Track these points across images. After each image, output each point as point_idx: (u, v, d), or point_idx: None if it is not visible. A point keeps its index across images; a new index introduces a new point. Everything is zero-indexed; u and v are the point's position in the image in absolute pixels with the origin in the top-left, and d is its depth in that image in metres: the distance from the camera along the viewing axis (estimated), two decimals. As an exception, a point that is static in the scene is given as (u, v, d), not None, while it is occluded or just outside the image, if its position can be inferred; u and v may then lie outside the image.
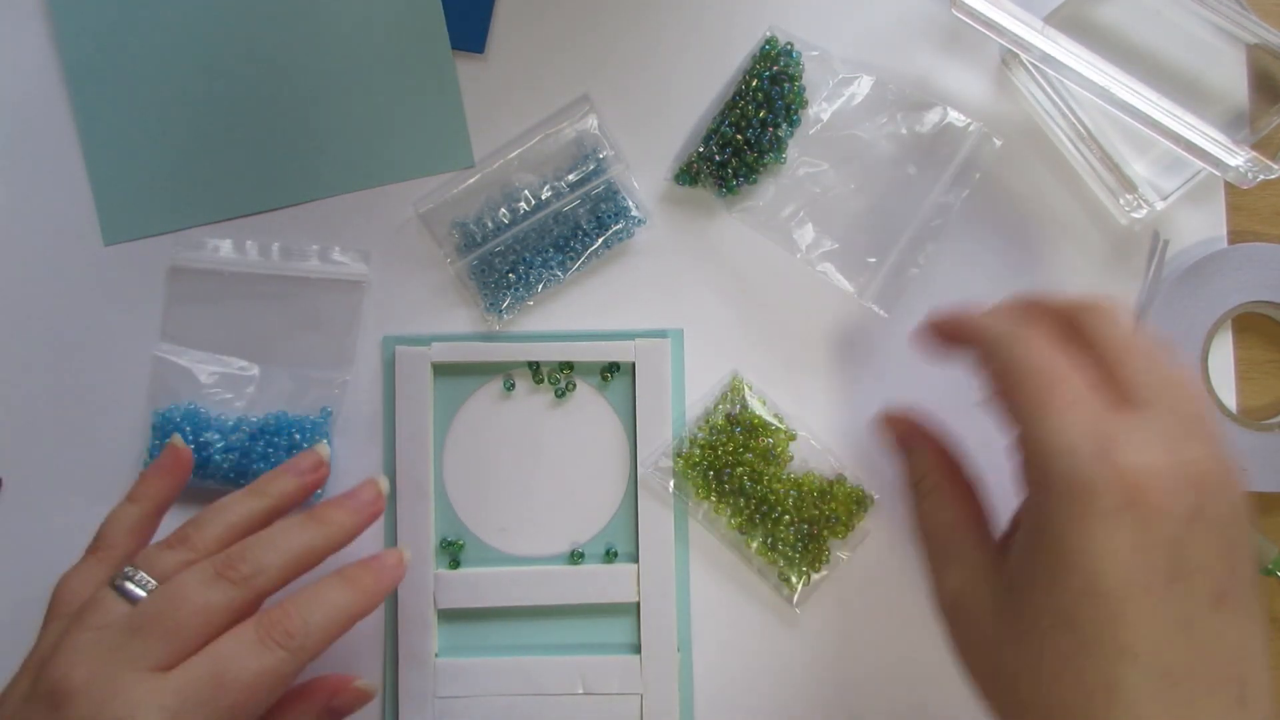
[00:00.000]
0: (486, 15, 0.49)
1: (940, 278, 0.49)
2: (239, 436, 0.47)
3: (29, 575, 0.47)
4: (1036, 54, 0.46)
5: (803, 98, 0.47)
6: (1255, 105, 0.48)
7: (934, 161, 0.48)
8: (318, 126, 0.49)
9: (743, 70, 0.48)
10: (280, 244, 0.48)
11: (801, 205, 0.48)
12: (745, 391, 0.48)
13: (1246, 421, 0.48)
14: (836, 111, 0.48)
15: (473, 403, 0.48)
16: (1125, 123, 0.47)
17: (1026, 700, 0.32)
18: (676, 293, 0.49)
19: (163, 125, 0.49)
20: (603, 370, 0.48)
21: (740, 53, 0.49)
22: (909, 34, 0.50)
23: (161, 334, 0.48)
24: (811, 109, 0.48)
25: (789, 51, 0.47)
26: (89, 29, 0.49)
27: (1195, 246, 0.49)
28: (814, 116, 0.48)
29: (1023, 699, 0.32)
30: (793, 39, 0.48)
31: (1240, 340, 0.49)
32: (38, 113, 0.49)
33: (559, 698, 0.46)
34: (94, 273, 0.48)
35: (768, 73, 0.47)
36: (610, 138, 0.49)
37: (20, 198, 0.49)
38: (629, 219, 0.48)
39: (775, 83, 0.47)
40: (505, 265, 0.48)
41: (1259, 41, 0.48)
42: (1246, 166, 0.45)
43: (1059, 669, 0.31)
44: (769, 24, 0.49)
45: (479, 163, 0.49)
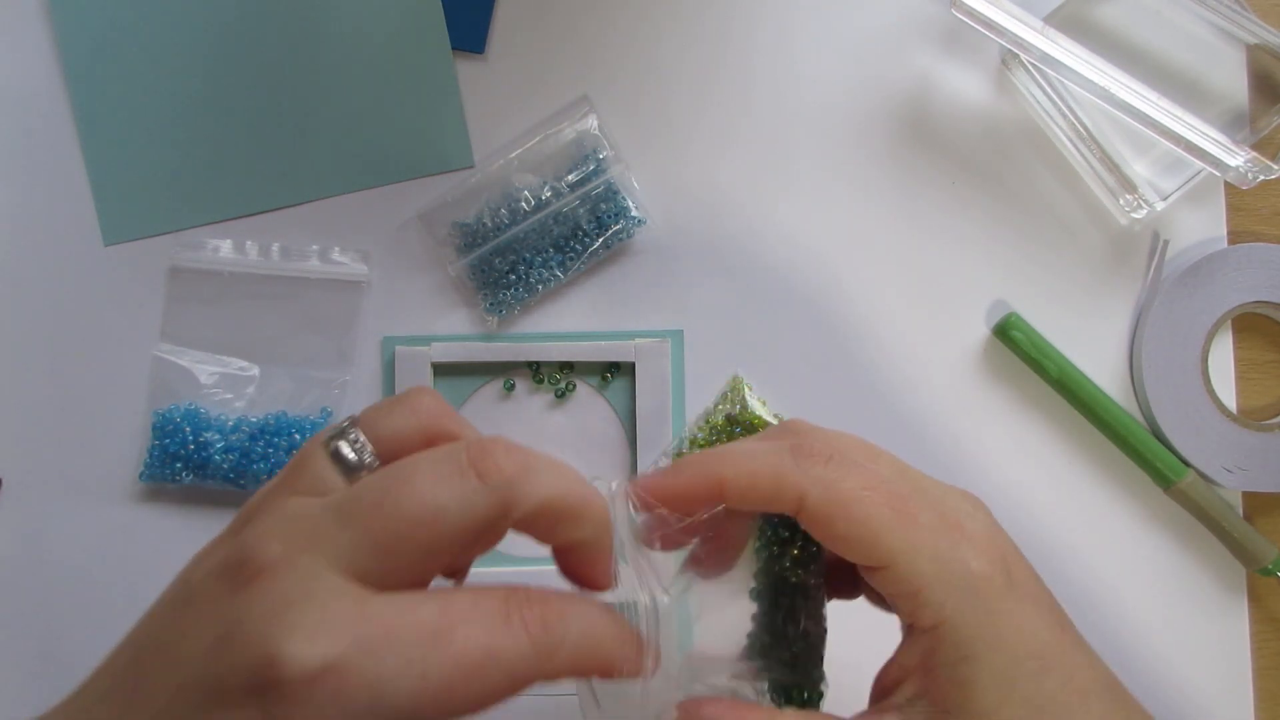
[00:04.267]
0: (486, 15, 0.49)
1: (940, 277, 0.49)
2: (239, 436, 0.47)
3: (29, 575, 0.47)
4: (1036, 54, 0.46)
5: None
6: (1255, 105, 0.48)
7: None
8: (318, 126, 0.49)
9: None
10: (280, 244, 0.48)
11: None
12: (745, 392, 0.48)
13: (1246, 421, 0.48)
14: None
15: (473, 403, 0.48)
16: (1125, 123, 0.47)
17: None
18: (676, 293, 0.49)
19: (163, 125, 0.49)
20: (603, 371, 0.48)
21: (740, 52, 0.49)
22: (909, 34, 0.50)
23: (161, 334, 0.48)
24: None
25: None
26: (89, 29, 0.49)
27: (1195, 246, 0.49)
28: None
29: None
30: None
31: (1240, 340, 0.49)
32: (38, 113, 0.49)
33: (559, 698, 0.46)
34: (94, 273, 0.48)
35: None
36: (610, 138, 0.49)
37: (20, 198, 0.49)
38: (629, 219, 0.48)
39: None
40: (505, 265, 0.48)
41: (1259, 41, 0.48)
42: (1246, 166, 0.45)
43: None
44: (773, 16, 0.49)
45: (479, 163, 0.49)
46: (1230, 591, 0.48)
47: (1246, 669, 0.47)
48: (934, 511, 0.30)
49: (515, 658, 0.26)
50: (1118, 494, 0.48)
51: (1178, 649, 0.47)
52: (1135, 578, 0.48)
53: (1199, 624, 0.48)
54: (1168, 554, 0.48)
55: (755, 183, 0.49)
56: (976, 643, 0.29)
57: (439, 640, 0.24)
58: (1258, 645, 0.48)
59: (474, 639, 0.25)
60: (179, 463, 0.46)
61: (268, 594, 0.24)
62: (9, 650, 0.47)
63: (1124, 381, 0.49)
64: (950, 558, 0.29)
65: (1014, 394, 0.48)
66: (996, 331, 0.48)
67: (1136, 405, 0.48)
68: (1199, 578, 0.48)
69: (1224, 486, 0.48)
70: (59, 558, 0.47)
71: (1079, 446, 0.48)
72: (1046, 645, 0.30)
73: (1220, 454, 0.47)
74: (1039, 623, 0.30)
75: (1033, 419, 0.48)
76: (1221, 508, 0.47)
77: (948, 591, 0.29)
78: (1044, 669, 0.30)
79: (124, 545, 0.47)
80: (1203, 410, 0.47)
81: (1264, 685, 0.47)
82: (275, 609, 0.24)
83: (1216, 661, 0.47)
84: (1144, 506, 0.48)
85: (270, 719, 0.23)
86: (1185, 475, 0.47)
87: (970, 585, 0.29)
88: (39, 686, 0.47)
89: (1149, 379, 0.47)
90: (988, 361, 0.49)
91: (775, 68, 0.49)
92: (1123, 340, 0.49)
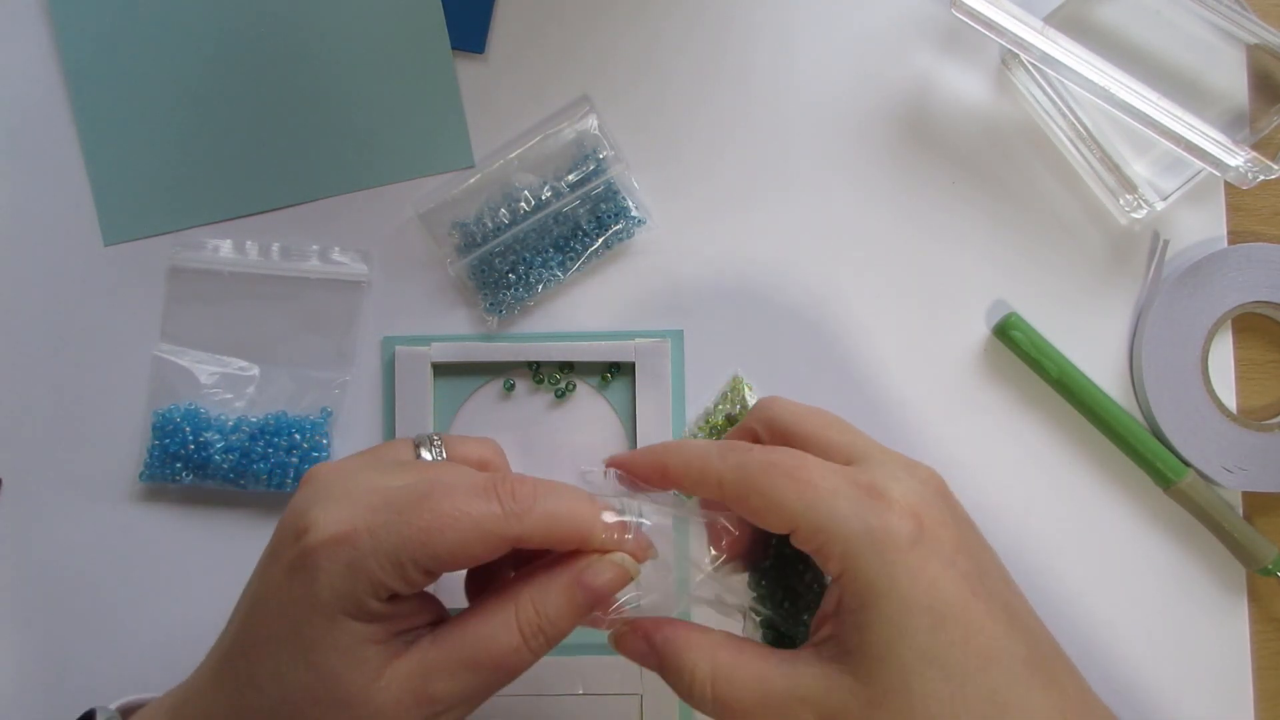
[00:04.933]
0: (486, 15, 0.49)
1: (940, 277, 0.49)
2: (239, 436, 0.47)
3: (29, 575, 0.47)
4: (1036, 54, 0.46)
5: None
6: (1255, 105, 0.48)
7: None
8: (318, 126, 0.49)
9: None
10: (280, 244, 0.48)
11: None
12: (745, 391, 0.48)
13: (1246, 421, 0.48)
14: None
15: (473, 403, 0.48)
16: (1125, 123, 0.47)
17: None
18: (676, 293, 0.49)
19: (163, 125, 0.49)
20: (603, 370, 0.48)
21: (740, 52, 0.49)
22: (909, 34, 0.50)
23: (161, 334, 0.48)
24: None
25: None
26: (89, 29, 0.49)
27: (1195, 246, 0.49)
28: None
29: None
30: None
31: (1240, 340, 0.49)
32: (38, 113, 0.49)
33: (559, 698, 0.46)
34: (94, 273, 0.48)
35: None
36: (610, 138, 0.49)
37: (20, 198, 0.49)
38: (629, 219, 0.48)
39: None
40: (505, 265, 0.48)
41: (1259, 41, 0.48)
42: (1246, 166, 0.45)
43: (942, 712, 0.31)
44: (771, 22, 0.49)
45: (479, 163, 0.49)
46: (1230, 591, 0.48)
47: (1246, 669, 0.47)
48: (841, 477, 0.33)
49: (485, 515, 0.33)
50: (1118, 494, 0.48)
51: (1178, 649, 0.47)
52: (1135, 578, 0.48)
53: (1199, 624, 0.48)
54: (1168, 554, 0.48)
55: (755, 182, 0.49)
56: (872, 591, 0.32)
57: (426, 499, 0.33)
58: (1258, 645, 0.48)
59: (454, 500, 0.33)
60: (179, 463, 0.46)
61: (313, 486, 0.35)
62: (9, 650, 0.47)
63: (1124, 381, 0.49)
64: (850, 515, 0.32)
65: (1014, 394, 0.48)
66: (996, 331, 0.48)
67: (1136, 405, 0.48)
68: (1199, 578, 0.48)
69: (1224, 486, 0.48)
70: (59, 558, 0.47)
71: (1079, 446, 0.48)
72: (946, 602, 0.31)
73: (1220, 454, 0.47)
74: (944, 580, 0.32)
75: (1033, 419, 0.48)
76: (1221, 508, 0.47)
77: (848, 545, 0.32)
78: (938, 624, 0.31)
79: (124, 545, 0.47)
80: (1203, 410, 0.47)
81: (1264, 685, 0.48)
82: (316, 495, 0.34)
83: (1216, 661, 0.47)
84: (1144, 506, 0.48)
85: (303, 555, 0.32)
86: (1185, 475, 0.47)
87: (871, 539, 0.32)
88: (39, 687, 0.47)
89: (1149, 379, 0.47)
90: (988, 361, 0.49)
91: (775, 68, 0.49)
92: (1123, 340, 0.49)
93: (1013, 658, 0.31)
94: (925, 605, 0.31)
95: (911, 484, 0.34)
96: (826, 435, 0.37)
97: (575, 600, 0.34)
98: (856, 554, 0.32)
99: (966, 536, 0.34)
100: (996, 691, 0.31)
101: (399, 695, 0.32)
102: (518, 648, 0.33)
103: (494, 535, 0.33)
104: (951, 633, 0.31)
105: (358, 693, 0.32)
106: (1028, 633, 0.33)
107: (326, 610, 0.32)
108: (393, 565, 0.32)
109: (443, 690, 0.33)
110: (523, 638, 0.34)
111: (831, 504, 0.33)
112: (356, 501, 0.33)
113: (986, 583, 0.33)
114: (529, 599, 0.34)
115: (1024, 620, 0.33)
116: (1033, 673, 0.32)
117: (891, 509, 0.33)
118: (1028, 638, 0.33)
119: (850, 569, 0.32)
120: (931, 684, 0.31)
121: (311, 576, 0.32)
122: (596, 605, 0.35)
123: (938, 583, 0.32)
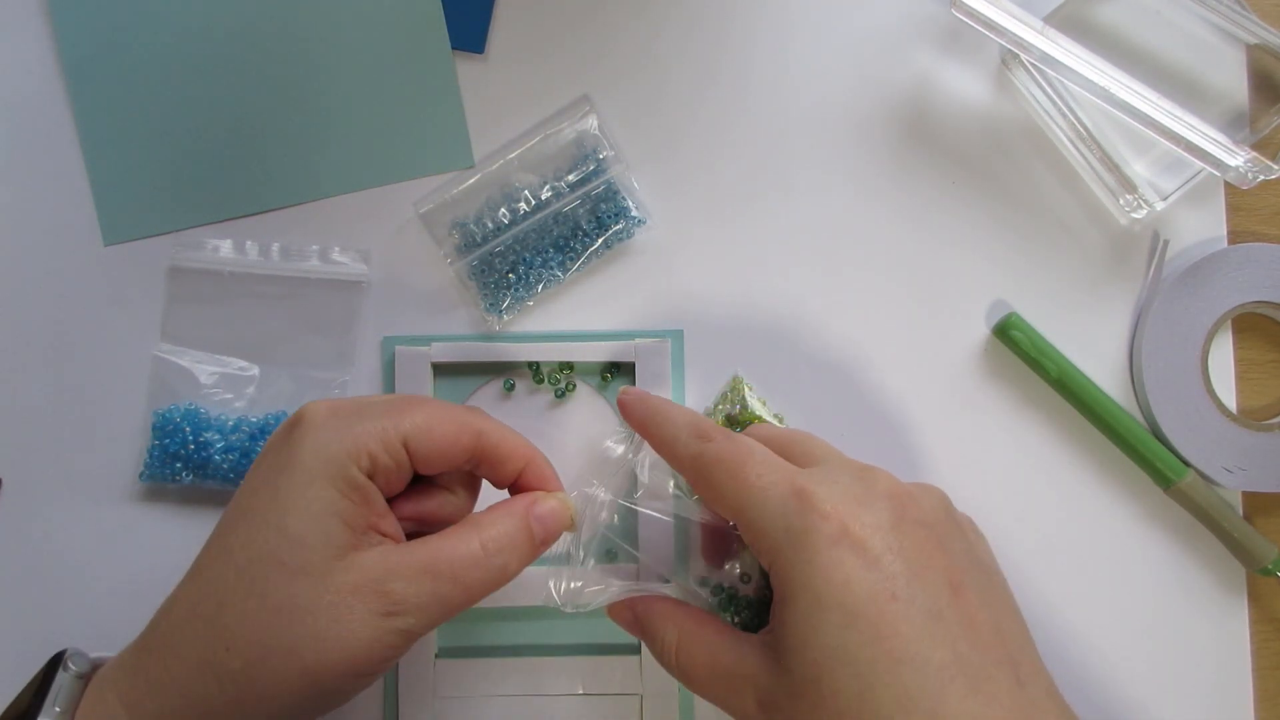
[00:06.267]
0: (486, 15, 0.49)
1: (940, 277, 0.49)
2: (239, 436, 0.47)
3: (29, 575, 0.47)
4: (1036, 54, 0.46)
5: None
6: (1255, 105, 0.48)
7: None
8: (317, 126, 0.49)
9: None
10: (280, 244, 0.48)
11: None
12: (745, 392, 0.48)
13: (1246, 421, 0.48)
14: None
15: (473, 403, 0.48)
16: (1125, 123, 0.47)
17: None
18: (676, 293, 0.49)
19: (163, 125, 0.49)
20: (603, 370, 0.48)
21: (740, 52, 0.49)
22: (909, 34, 0.50)
23: (161, 334, 0.48)
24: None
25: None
26: (89, 29, 0.49)
27: (1195, 246, 0.49)
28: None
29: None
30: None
31: (1240, 340, 0.49)
32: (38, 113, 0.49)
33: (559, 698, 0.46)
34: (94, 273, 0.48)
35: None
36: (610, 138, 0.49)
37: (20, 198, 0.49)
38: (629, 219, 0.48)
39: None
40: (505, 265, 0.48)
41: (1259, 41, 0.48)
42: (1246, 166, 0.45)
43: (849, 708, 0.31)
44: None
45: (479, 163, 0.49)
46: (1230, 591, 0.48)
47: (1246, 669, 0.47)
48: (779, 475, 0.35)
49: (459, 409, 0.39)
50: (1118, 494, 0.48)
51: (1178, 649, 0.47)
52: (1135, 578, 0.48)
53: (1199, 624, 0.48)
54: (1168, 554, 0.48)
55: (755, 182, 0.49)
56: (790, 586, 0.34)
57: (409, 397, 0.39)
58: (1258, 645, 0.48)
59: (432, 400, 0.39)
60: (179, 463, 0.46)
61: (296, 419, 0.37)
62: (9, 650, 0.47)
63: (1124, 381, 0.49)
64: (776, 513, 0.35)
65: (1014, 394, 0.48)
66: (996, 331, 0.48)
67: (1136, 405, 0.48)
68: (1199, 578, 0.48)
69: (1224, 486, 0.48)
70: (59, 558, 0.47)
71: (1079, 446, 0.48)
72: (860, 602, 0.32)
73: (1220, 454, 0.47)
74: (860, 581, 0.32)
75: (1033, 419, 0.48)
76: (1221, 508, 0.47)
77: (773, 541, 0.34)
78: (848, 623, 0.32)
79: (124, 545, 0.47)
80: (1203, 410, 0.47)
81: (1264, 685, 0.48)
82: (309, 405, 0.37)
83: (1216, 661, 0.47)
84: (1144, 506, 0.48)
85: (292, 427, 0.36)
86: (1185, 475, 0.47)
87: (790, 537, 0.34)
88: (39, 686, 0.47)
89: (1149, 379, 0.47)
90: (988, 361, 0.49)
91: (775, 67, 0.49)
92: (1123, 340, 0.49)
93: (927, 662, 0.31)
94: (837, 603, 0.32)
95: (848, 488, 0.35)
96: (798, 439, 0.39)
97: (527, 526, 0.38)
98: (779, 550, 0.34)
99: (892, 538, 0.34)
100: (906, 693, 0.31)
101: (357, 581, 0.34)
102: (477, 557, 0.36)
103: (468, 425, 0.38)
104: (863, 632, 0.32)
105: (319, 564, 0.34)
106: (965, 641, 0.32)
107: (306, 471, 0.35)
108: (377, 431, 0.36)
109: (399, 591, 0.34)
110: (482, 547, 0.36)
111: (762, 502, 0.35)
112: (345, 399, 0.38)
113: (904, 584, 0.33)
114: (489, 519, 0.38)
115: (971, 630, 0.33)
116: (951, 679, 0.31)
117: (815, 509, 0.34)
118: (959, 645, 0.32)
119: (775, 564, 0.34)
120: (841, 681, 0.32)
121: (298, 442, 0.36)
122: (542, 534, 0.39)
123: (852, 583, 0.32)
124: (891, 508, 0.35)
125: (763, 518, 0.35)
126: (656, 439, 0.40)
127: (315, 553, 0.34)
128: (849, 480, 0.36)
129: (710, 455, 0.37)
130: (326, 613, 0.34)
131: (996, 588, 0.36)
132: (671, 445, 0.39)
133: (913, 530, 0.35)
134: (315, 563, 0.34)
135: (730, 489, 0.36)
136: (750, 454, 0.37)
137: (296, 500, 0.35)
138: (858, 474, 0.36)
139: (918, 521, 0.35)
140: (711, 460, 0.37)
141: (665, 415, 0.40)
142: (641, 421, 0.41)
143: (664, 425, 0.40)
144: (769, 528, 0.35)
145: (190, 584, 0.36)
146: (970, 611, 0.33)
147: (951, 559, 0.35)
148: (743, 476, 0.36)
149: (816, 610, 0.32)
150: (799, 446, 0.39)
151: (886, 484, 0.36)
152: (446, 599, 0.35)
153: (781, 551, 0.34)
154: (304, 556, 0.34)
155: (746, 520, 0.36)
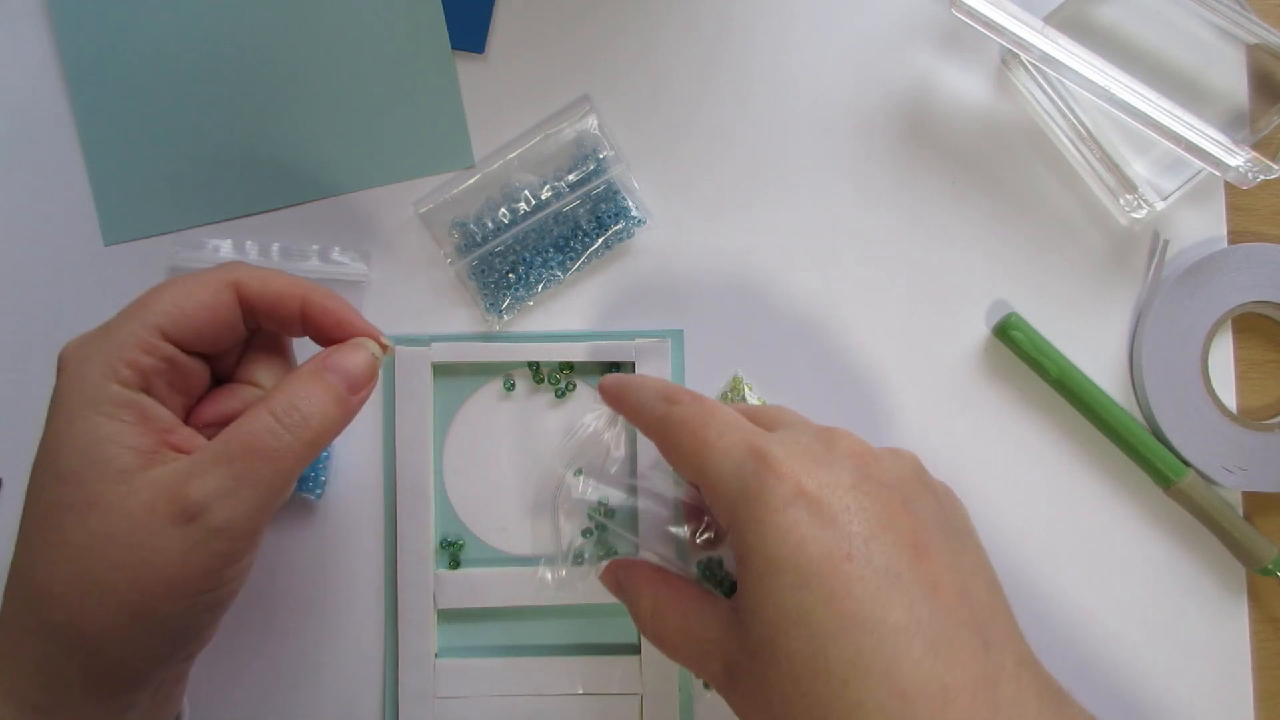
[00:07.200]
0: (486, 15, 0.49)
1: (940, 277, 0.49)
2: (239, 436, 0.46)
3: (29, 575, 0.47)
4: (1036, 54, 0.46)
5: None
6: (1255, 105, 0.48)
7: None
8: (318, 126, 0.49)
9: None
10: (280, 244, 0.48)
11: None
12: (745, 391, 0.48)
13: (1246, 421, 0.48)
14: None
15: (473, 403, 0.48)
16: (1125, 123, 0.47)
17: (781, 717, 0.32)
18: (676, 293, 0.49)
19: (163, 125, 0.49)
20: (603, 370, 0.48)
21: (740, 52, 0.49)
22: (909, 34, 0.50)
23: (161, 334, 0.48)
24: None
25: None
26: (89, 29, 0.49)
27: (1195, 246, 0.49)
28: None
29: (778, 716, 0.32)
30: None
31: (1240, 340, 0.49)
32: (38, 113, 0.49)
33: (559, 698, 0.46)
34: (94, 273, 0.48)
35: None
36: (610, 138, 0.49)
37: (20, 198, 0.49)
38: (629, 219, 0.48)
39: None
40: (505, 265, 0.48)
41: (1259, 41, 0.48)
42: (1246, 166, 0.45)
43: (804, 670, 0.31)
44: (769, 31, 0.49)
45: (479, 163, 0.49)
46: (1230, 591, 0.48)
47: (1246, 669, 0.47)
48: (738, 437, 0.35)
49: (216, 268, 0.37)
50: (1118, 494, 0.48)
51: (1178, 649, 0.47)
52: (1135, 578, 0.48)
53: (1199, 624, 0.48)
54: (1168, 554, 0.48)
55: (755, 182, 0.49)
56: (745, 547, 0.33)
57: (163, 284, 0.36)
58: (1258, 645, 0.48)
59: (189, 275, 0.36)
60: (179, 463, 0.46)
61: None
62: (9, 650, 0.47)
63: (1124, 381, 0.49)
64: (732, 474, 0.34)
65: (1014, 394, 0.48)
66: (996, 331, 0.48)
67: (1136, 405, 0.48)
68: (1199, 578, 0.48)
69: (1224, 486, 0.48)
70: (59, 558, 0.47)
71: (1079, 446, 0.48)
72: (813, 562, 0.31)
73: (1220, 454, 0.47)
74: (814, 542, 0.32)
75: (1033, 419, 0.48)
76: (1221, 508, 0.47)
77: (730, 502, 0.34)
78: (801, 583, 0.31)
79: (124, 545, 0.47)
80: (1203, 410, 0.47)
81: (1264, 685, 0.48)
82: (64, 346, 0.35)
83: (1216, 661, 0.47)
84: (1144, 506, 0.48)
85: (56, 382, 0.34)
86: (1185, 475, 0.47)
87: (745, 498, 0.33)
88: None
89: (1149, 379, 0.47)
90: (988, 361, 0.49)
91: (775, 67, 0.49)
92: (1123, 340, 0.49)
93: (881, 622, 0.31)
94: (791, 564, 0.32)
95: (807, 447, 0.34)
96: (770, 410, 0.39)
97: (321, 379, 0.35)
98: (735, 510, 0.34)
99: (879, 505, 0.33)
100: (860, 655, 0.30)
101: (151, 500, 0.32)
102: (270, 426, 0.34)
103: (221, 282, 0.35)
104: (816, 593, 0.31)
105: (104, 494, 0.32)
106: (925, 603, 0.31)
107: (67, 408, 0.33)
108: (126, 337, 0.34)
109: (198, 490, 0.32)
110: (272, 414, 0.34)
111: (720, 463, 0.35)
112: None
113: (885, 550, 0.32)
114: (279, 386, 0.35)
115: (933, 593, 0.32)
116: (908, 640, 0.30)
117: (771, 469, 0.33)
118: (918, 607, 0.31)
119: (732, 525, 0.34)
120: (795, 642, 0.31)
121: (59, 385, 0.34)
122: (342, 384, 0.36)
123: (805, 544, 0.32)
124: (854, 467, 0.34)
125: (720, 478, 0.34)
126: (628, 407, 0.40)
127: (96, 484, 0.32)
128: (809, 440, 0.35)
129: (674, 417, 0.37)
130: (125, 539, 0.32)
131: (968, 551, 0.35)
132: (639, 411, 0.39)
133: (875, 490, 0.34)
134: (102, 493, 0.32)
135: (690, 449, 0.36)
136: (712, 414, 0.36)
137: (64, 439, 0.33)
138: (819, 434, 0.36)
139: (880, 482, 0.34)
140: (675, 422, 0.37)
141: (637, 384, 0.40)
142: (616, 395, 0.41)
143: (636, 393, 0.40)
144: (725, 489, 0.34)
145: (16, 551, 0.34)
146: (934, 574, 0.32)
147: (917, 521, 0.34)
148: (703, 437, 0.36)
149: (770, 572, 0.32)
150: (768, 414, 0.38)
151: (849, 444, 0.35)
152: (248, 476, 0.33)
153: (737, 512, 0.33)
154: (85, 491, 0.32)
155: (706, 481, 0.35)
